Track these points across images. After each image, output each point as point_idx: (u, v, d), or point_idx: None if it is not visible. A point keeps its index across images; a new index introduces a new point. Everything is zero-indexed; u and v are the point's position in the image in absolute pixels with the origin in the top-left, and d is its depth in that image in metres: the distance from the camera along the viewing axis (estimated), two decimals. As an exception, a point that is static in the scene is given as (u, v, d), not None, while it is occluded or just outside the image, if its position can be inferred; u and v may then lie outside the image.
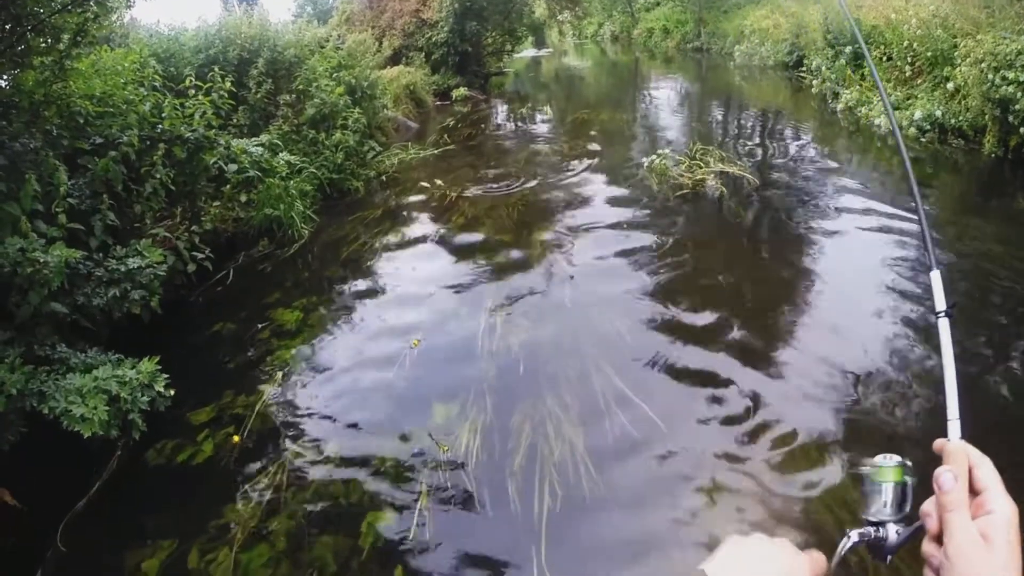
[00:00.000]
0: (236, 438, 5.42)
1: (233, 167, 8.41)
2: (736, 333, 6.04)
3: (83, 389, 4.82)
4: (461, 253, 8.64)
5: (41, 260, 5.12)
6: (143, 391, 5.11)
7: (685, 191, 9.72)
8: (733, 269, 7.29)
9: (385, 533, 4.56)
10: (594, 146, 13.27)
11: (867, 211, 8.35)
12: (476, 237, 9.07)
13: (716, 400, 5.35)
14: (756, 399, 5.25)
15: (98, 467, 5.20)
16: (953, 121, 10.73)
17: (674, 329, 6.29)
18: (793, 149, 12.42)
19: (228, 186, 8.60)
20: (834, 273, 6.95)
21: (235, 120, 10.30)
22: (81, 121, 6.90)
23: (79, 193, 6.29)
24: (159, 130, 7.37)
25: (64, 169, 6.11)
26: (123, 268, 5.98)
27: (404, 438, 5.38)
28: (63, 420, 4.69)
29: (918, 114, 11.30)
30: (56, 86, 6.59)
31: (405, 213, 10.30)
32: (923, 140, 11.12)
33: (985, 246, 7.27)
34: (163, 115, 7.47)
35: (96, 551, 4.65)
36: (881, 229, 7.69)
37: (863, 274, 6.80)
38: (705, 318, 6.44)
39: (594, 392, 5.57)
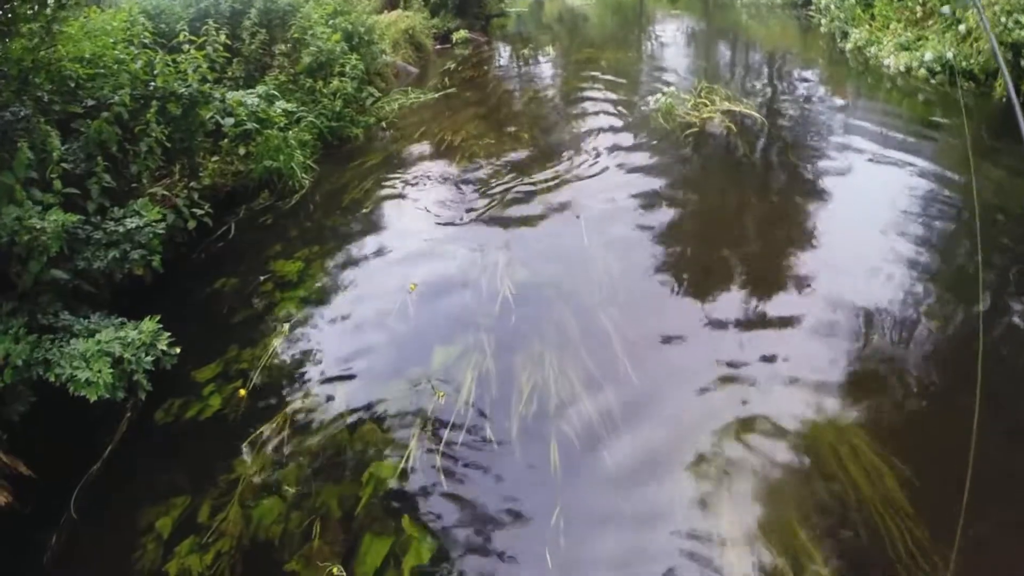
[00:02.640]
0: (242, 392, 5.50)
1: (230, 120, 8.38)
2: (742, 270, 6.06)
3: (87, 353, 4.88)
4: (463, 195, 8.64)
5: (38, 227, 5.15)
6: (146, 351, 5.14)
7: (692, 130, 9.60)
8: (740, 208, 7.26)
9: (388, 480, 4.67)
10: (599, 86, 13.07)
11: (875, 151, 8.22)
12: (478, 178, 9.04)
13: (723, 338, 5.43)
14: (762, 338, 5.32)
15: (108, 431, 5.28)
16: (964, 64, 10.51)
17: (681, 267, 6.33)
18: (801, 88, 12.23)
19: (226, 140, 8.55)
20: (841, 211, 6.87)
21: (230, 73, 10.19)
22: (72, 85, 6.88)
23: (73, 157, 6.30)
24: (152, 88, 7.33)
25: (57, 134, 6.11)
26: (121, 229, 5.99)
27: (406, 383, 5.46)
28: (69, 386, 4.74)
29: (928, 55, 11.12)
30: (45, 52, 6.54)
31: (406, 158, 10.26)
32: (932, 82, 10.93)
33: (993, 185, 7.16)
34: (155, 72, 7.39)
35: (110, 513, 4.78)
36: (889, 168, 7.55)
37: (871, 212, 6.70)
38: (711, 256, 6.44)
39: (598, 335, 5.62)
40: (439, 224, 7.92)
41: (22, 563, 4.48)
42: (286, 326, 6.31)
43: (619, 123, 10.54)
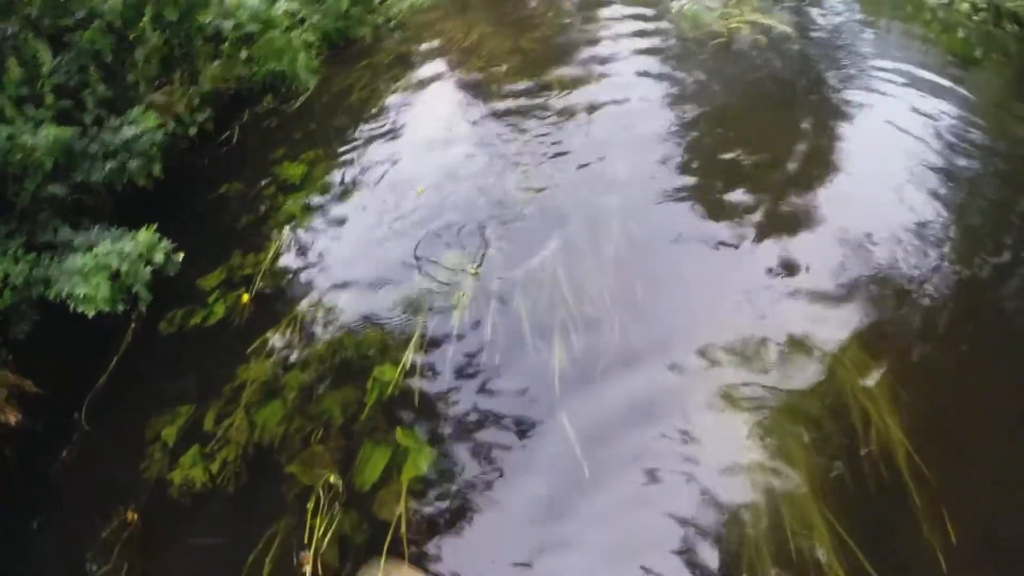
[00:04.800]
0: (246, 298, 5.54)
1: (230, 24, 8.14)
2: (761, 194, 5.77)
3: (84, 268, 4.88)
4: (474, 97, 8.32)
5: (30, 143, 5.09)
6: (145, 262, 5.11)
7: (720, 39, 9.09)
8: (761, 125, 6.88)
9: (390, 386, 4.69)
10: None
11: (907, 78, 7.67)
12: (490, 79, 8.67)
13: (735, 259, 5.26)
14: (775, 263, 5.13)
15: (114, 343, 5.36)
16: (1010, 5, 9.79)
17: (697, 185, 6.04)
18: (837, 7, 11.47)
19: (227, 44, 8.34)
20: (868, 140, 6.45)
21: (229, -28, 9.86)
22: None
23: (66, 70, 6.17)
24: (145, -7, 7.09)
25: (47, 48, 5.97)
26: (119, 139, 5.92)
27: (412, 288, 5.41)
28: (69, 302, 4.77)
29: (973, -10, 10.35)
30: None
31: (416, 58, 9.92)
32: (975, 19, 10.20)
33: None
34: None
35: (118, 425, 4.92)
36: (921, 98, 7.06)
37: (900, 145, 6.28)
38: (728, 172, 6.15)
39: (609, 245, 5.48)
40: (448, 125, 7.70)
41: (34, 481, 4.62)
42: (290, 230, 6.29)
43: (642, 27, 10.00)
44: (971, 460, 3.80)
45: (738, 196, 5.72)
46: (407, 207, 6.31)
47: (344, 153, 7.47)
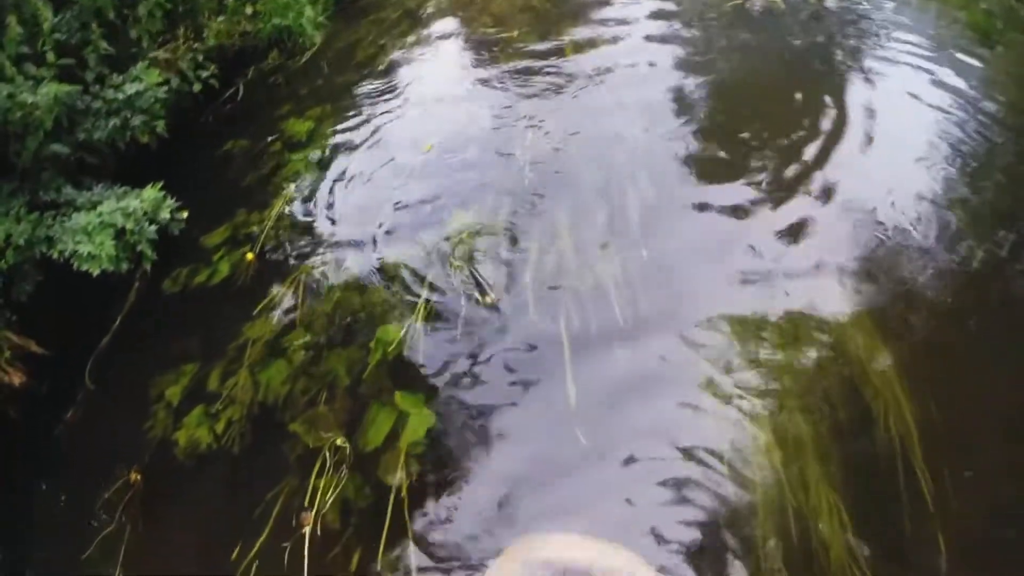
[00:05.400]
0: (250, 256, 5.49)
1: (234, -23, 7.99)
2: (773, 161, 5.63)
3: (88, 227, 4.84)
4: (483, 55, 8.13)
5: (30, 101, 5.01)
6: (150, 220, 5.05)
7: (734, 2, 8.80)
8: (775, 92, 6.67)
9: (397, 347, 4.65)
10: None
11: (925, 51, 7.40)
12: (500, 37, 8.44)
13: (744, 226, 5.14)
14: (786, 232, 5.02)
15: (118, 303, 5.34)
16: None
17: (708, 149, 5.90)
18: None
19: (232, -1, 8.20)
20: (884, 111, 6.14)
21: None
22: (63, -44, 6.52)
23: (67, 27, 6.04)
24: (148, -52, 6.94)
25: (48, 5, 5.85)
26: (121, 96, 5.84)
27: (420, 247, 5.34)
28: (73, 261, 4.72)
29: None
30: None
31: (425, 14, 9.66)
32: None
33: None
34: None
35: (122, 385, 4.91)
36: (940, 71, 6.76)
37: (916, 117, 6.04)
38: (741, 138, 5.99)
39: (619, 205, 5.39)
40: (457, 82, 7.56)
41: (39, 442, 4.65)
42: (296, 187, 6.21)
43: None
44: (979, 444, 3.75)
45: (750, 162, 5.60)
46: (414, 165, 6.20)
47: (350, 109, 7.35)
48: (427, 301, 4.88)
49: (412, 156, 6.32)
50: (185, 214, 5.44)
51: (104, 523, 4.21)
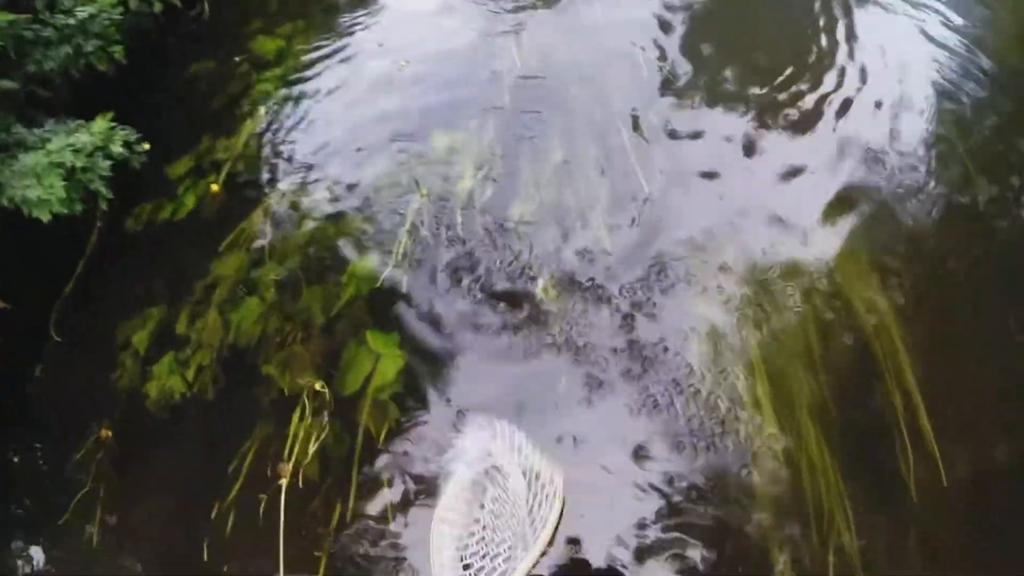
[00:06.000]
0: (215, 187, 5.12)
1: None
2: (770, 93, 5.35)
3: (37, 168, 4.42)
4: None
5: (-33, 35, 4.56)
6: (103, 155, 4.63)
7: None
8: (775, 26, 6.23)
9: (374, 283, 4.38)
10: None
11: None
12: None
13: (739, 157, 4.95)
14: (781, 164, 4.84)
15: (79, 248, 4.93)
16: None
17: (704, 75, 5.58)
18: None
19: (195, -92, 7.60)
20: (883, 54, 5.75)
21: None
22: None
23: (11, -49, 5.53)
24: None
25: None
26: (73, 21, 5.36)
27: (397, 171, 5.03)
28: (23, 208, 4.32)
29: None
30: None
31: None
32: None
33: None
34: None
35: (90, 335, 4.57)
36: (942, 17, 6.17)
37: (915, 61, 5.65)
38: (738, 67, 5.66)
39: (609, 133, 5.09)
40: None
41: (11, 402, 4.35)
42: (265, 110, 5.79)
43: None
44: (967, 377, 3.77)
45: (747, 92, 5.35)
46: (391, 83, 5.81)
47: (324, 25, 6.81)
48: (408, 229, 4.55)
49: (389, 73, 5.92)
50: (147, 146, 4.97)
51: (78, 485, 3.93)
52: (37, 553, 3.83)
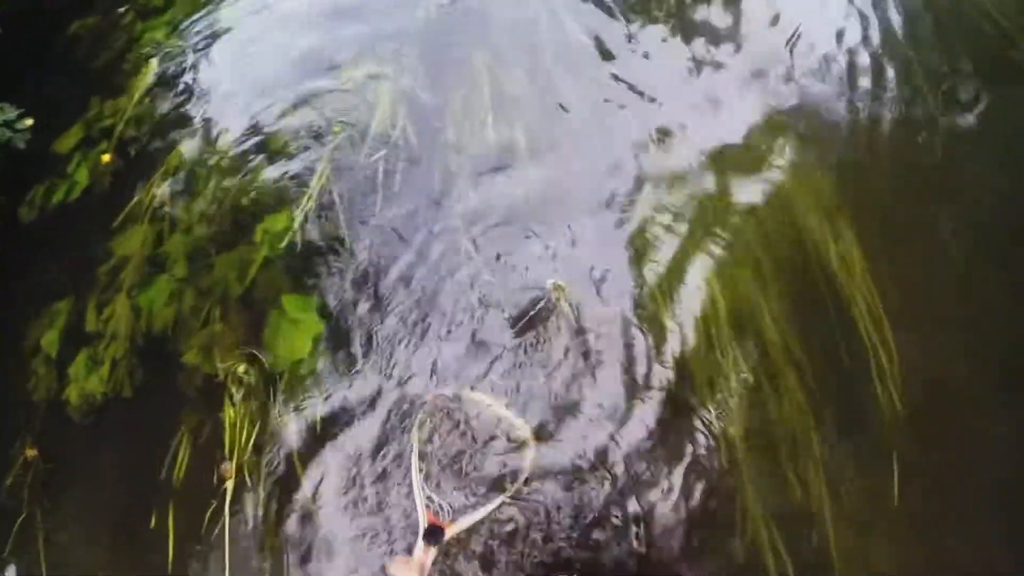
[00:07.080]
0: (106, 157, 4.64)
1: None
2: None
3: (-99, 163, 3.95)
4: None
5: None
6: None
7: None
8: None
9: (290, 240, 4.02)
10: None
11: None
12: None
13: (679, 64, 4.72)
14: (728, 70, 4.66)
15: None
16: None
17: None
18: None
19: None
20: None
21: None
22: None
23: None
24: None
25: None
26: (-74, -15, 4.80)
27: (307, 113, 4.61)
28: None
29: None
30: None
31: None
32: None
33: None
34: None
35: (-1, 343, 4.13)
36: None
37: None
38: None
39: (537, 52, 4.76)
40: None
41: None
42: (157, 62, 5.26)
43: None
44: (922, 295, 3.66)
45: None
46: (297, 14, 5.31)
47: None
48: (320, 177, 4.17)
49: (296, 5, 5.39)
50: (29, 121, 4.56)
51: (14, 514, 3.58)
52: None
